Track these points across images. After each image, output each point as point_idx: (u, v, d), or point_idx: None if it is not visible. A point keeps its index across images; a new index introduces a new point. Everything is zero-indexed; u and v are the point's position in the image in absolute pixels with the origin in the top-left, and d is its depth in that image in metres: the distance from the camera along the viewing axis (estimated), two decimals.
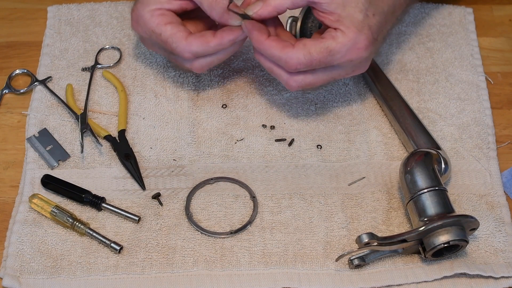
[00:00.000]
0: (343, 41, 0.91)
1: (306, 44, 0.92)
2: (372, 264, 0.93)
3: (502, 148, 1.03)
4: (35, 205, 0.96)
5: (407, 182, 0.93)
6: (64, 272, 0.92)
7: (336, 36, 0.91)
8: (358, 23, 0.91)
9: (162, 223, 0.96)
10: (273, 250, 0.94)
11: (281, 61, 0.92)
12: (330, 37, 0.91)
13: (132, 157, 1.00)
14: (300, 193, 0.98)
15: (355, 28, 0.91)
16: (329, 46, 0.91)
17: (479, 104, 1.06)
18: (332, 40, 0.91)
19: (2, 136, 1.04)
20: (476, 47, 1.11)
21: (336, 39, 0.91)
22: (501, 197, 0.98)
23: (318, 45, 0.91)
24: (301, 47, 0.92)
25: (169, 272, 0.92)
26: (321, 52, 0.91)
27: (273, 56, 0.93)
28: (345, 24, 0.91)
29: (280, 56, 0.92)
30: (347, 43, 0.91)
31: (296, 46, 0.92)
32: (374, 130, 1.04)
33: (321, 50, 0.91)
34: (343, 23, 0.91)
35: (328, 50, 0.91)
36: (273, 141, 1.03)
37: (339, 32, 0.91)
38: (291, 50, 0.92)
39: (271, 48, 0.93)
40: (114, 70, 1.09)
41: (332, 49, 0.91)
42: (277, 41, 0.93)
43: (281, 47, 0.92)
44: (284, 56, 0.92)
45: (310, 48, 0.91)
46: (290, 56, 0.92)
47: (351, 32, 0.91)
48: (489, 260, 0.92)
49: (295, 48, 0.92)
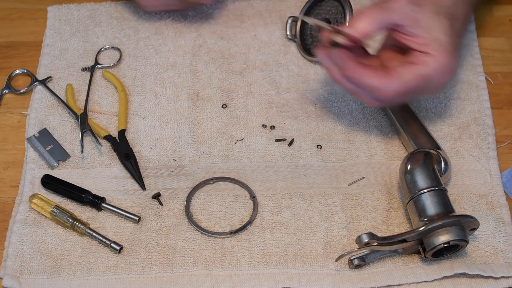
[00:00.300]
0: (436, 66, 0.91)
1: (401, 72, 0.90)
2: (372, 264, 0.93)
3: (502, 148, 1.03)
4: (35, 205, 0.96)
5: (407, 182, 0.93)
6: (64, 272, 0.92)
7: (428, 62, 0.90)
8: (447, 46, 0.91)
9: (162, 223, 0.96)
10: (273, 250, 0.94)
11: (377, 91, 0.91)
12: (422, 62, 0.91)
13: (132, 157, 1.00)
14: (300, 193, 0.98)
15: (445, 52, 0.91)
16: (423, 73, 0.91)
17: (479, 104, 1.06)
18: (425, 66, 0.91)
19: (2, 136, 1.04)
20: (476, 47, 1.11)
21: (429, 65, 0.90)
22: (501, 197, 0.98)
23: (412, 73, 0.90)
24: (397, 76, 0.90)
25: (169, 272, 0.92)
26: (417, 79, 0.91)
27: (368, 85, 0.91)
28: (434, 47, 0.90)
29: (377, 87, 0.90)
30: (439, 68, 0.91)
31: (392, 75, 0.90)
32: (374, 130, 1.04)
33: (417, 77, 0.91)
34: (432, 47, 0.90)
35: (424, 77, 0.91)
36: (273, 141, 1.03)
37: (429, 56, 0.90)
38: (388, 80, 0.90)
39: (366, 77, 0.91)
40: (114, 70, 1.09)
41: (427, 76, 0.91)
42: (371, 69, 0.91)
43: (377, 76, 0.91)
44: (381, 86, 0.91)
45: (406, 76, 0.90)
46: (388, 86, 0.91)
47: (441, 56, 0.90)
48: (489, 260, 0.92)
49: (392, 77, 0.90)
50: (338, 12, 1.07)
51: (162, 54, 1.11)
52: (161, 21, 1.14)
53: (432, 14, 0.91)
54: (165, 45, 1.11)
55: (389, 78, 0.91)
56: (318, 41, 1.10)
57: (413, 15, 0.91)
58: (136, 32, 1.13)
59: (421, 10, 0.91)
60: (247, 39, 1.12)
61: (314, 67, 1.09)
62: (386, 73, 0.91)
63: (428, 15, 0.91)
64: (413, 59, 0.92)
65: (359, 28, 0.90)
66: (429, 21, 0.91)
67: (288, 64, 1.10)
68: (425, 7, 0.91)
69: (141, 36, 1.12)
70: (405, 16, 0.91)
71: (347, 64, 0.91)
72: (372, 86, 0.91)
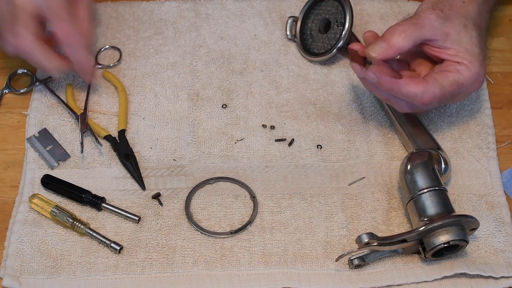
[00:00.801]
0: (469, 75, 0.94)
1: (438, 79, 0.94)
2: (372, 264, 0.93)
3: (502, 148, 1.03)
4: (35, 205, 0.96)
5: (407, 182, 0.93)
6: (64, 272, 0.92)
7: (462, 70, 0.94)
8: (477, 57, 0.95)
9: (162, 223, 0.96)
10: (273, 250, 0.94)
11: (416, 97, 0.93)
12: (456, 71, 0.94)
13: (132, 157, 1.00)
14: (300, 193, 0.98)
15: (477, 63, 0.95)
16: (458, 80, 0.94)
17: (479, 104, 1.06)
18: (459, 74, 0.94)
19: (2, 136, 1.04)
20: None
21: (463, 73, 0.94)
22: (501, 197, 0.98)
23: (448, 79, 0.94)
24: (434, 82, 0.93)
25: (169, 272, 0.92)
26: (452, 85, 0.94)
27: (407, 94, 0.93)
28: (467, 58, 0.94)
29: (416, 93, 0.93)
30: (472, 77, 0.95)
31: (429, 82, 0.93)
32: (374, 130, 1.04)
33: (452, 83, 0.94)
34: (464, 58, 0.94)
35: (458, 84, 0.94)
36: (273, 141, 1.03)
37: (463, 66, 0.94)
38: (426, 85, 0.93)
39: (407, 87, 0.93)
40: (114, 70, 1.09)
41: (461, 83, 0.94)
42: (410, 78, 0.94)
43: (416, 84, 0.93)
44: (420, 92, 0.93)
45: (442, 82, 0.94)
46: (427, 92, 0.93)
47: (474, 67, 0.94)
48: (489, 260, 0.92)
49: (429, 83, 0.93)
50: (338, 12, 1.07)
51: (162, 54, 1.11)
52: (161, 21, 1.14)
53: (460, 28, 0.95)
54: (165, 45, 1.11)
55: (427, 85, 0.93)
56: (318, 41, 1.10)
57: (443, 29, 0.94)
58: (136, 32, 1.13)
59: (450, 24, 0.95)
60: (247, 39, 1.12)
61: (314, 67, 1.09)
62: (424, 80, 0.94)
63: (457, 28, 0.95)
64: (448, 68, 0.95)
65: (395, 44, 0.93)
66: (458, 34, 0.95)
67: (288, 64, 1.10)
68: (453, 21, 0.95)
69: (141, 36, 1.12)
70: (436, 31, 0.94)
71: (383, 79, 0.93)
72: (412, 93, 0.93)
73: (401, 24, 0.94)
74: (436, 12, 0.94)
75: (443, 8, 0.95)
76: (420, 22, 0.94)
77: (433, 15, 0.94)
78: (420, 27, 0.94)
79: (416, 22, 0.94)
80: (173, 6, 1.15)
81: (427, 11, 0.95)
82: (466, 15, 0.96)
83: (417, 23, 0.94)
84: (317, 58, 1.09)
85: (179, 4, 1.15)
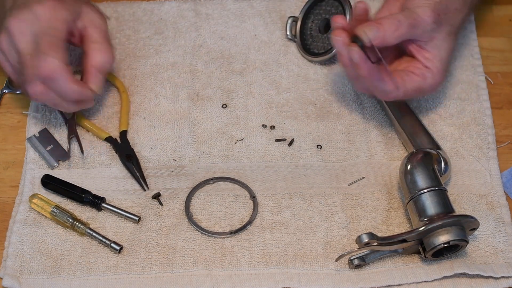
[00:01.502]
0: (432, 83, 0.98)
1: (405, 81, 0.96)
2: (372, 264, 0.93)
3: (502, 148, 1.03)
4: (35, 205, 0.96)
5: (407, 182, 0.93)
6: (64, 272, 0.92)
7: (428, 77, 0.97)
8: (445, 66, 0.99)
9: (162, 223, 0.96)
10: (273, 250, 0.94)
11: (384, 93, 0.96)
12: (422, 76, 0.97)
13: (134, 158, 1.00)
14: (300, 193, 0.98)
15: (444, 73, 0.99)
16: (421, 86, 0.97)
17: (479, 104, 1.06)
18: (424, 80, 0.97)
19: (2, 136, 1.04)
20: (476, 47, 1.11)
21: (428, 81, 0.97)
22: (501, 197, 0.98)
23: (413, 84, 0.97)
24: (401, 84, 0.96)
25: (169, 272, 0.92)
26: (414, 91, 0.97)
27: (378, 86, 0.95)
28: (437, 66, 0.97)
29: (385, 90, 0.96)
30: (434, 85, 0.98)
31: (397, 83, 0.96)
32: (374, 130, 1.04)
33: (415, 89, 0.97)
34: (435, 65, 0.97)
35: (420, 90, 0.98)
36: (273, 141, 1.03)
37: (430, 73, 0.97)
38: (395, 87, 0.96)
39: (381, 81, 0.95)
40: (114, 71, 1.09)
41: (423, 89, 0.98)
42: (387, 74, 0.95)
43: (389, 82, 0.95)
44: (389, 90, 0.96)
45: (407, 86, 0.96)
46: (393, 92, 0.96)
47: (440, 77, 0.98)
48: (489, 260, 0.92)
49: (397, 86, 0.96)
50: (338, 12, 1.07)
51: (162, 54, 1.11)
52: (161, 21, 1.14)
53: (446, 35, 0.97)
54: (165, 45, 1.11)
55: (395, 87, 0.95)
56: (318, 41, 1.10)
57: (431, 33, 0.96)
58: (136, 32, 1.13)
59: (439, 29, 0.96)
60: (247, 39, 1.12)
61: (314, 67, 1.09)
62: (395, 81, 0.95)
63: (443, 35, 0.97)
64: (415, 70, 0.97)
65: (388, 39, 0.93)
66: (442, 41, 0.97)
67: (288, 64, 1.10)
68: (442, 27, 0.96)
69: (141, 36, 1.12)
70: (426, 33, 0.96)
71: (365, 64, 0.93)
72: (381, 87, 0.95)
73: (400, 20, 0.93)
74: (435, 15, 0.94)
75: (441, 12, 0.95)
76: (417, 22, 0.94)
77: (430, 18, 0.94)
78: (415, 27, 0.94)
79: (413, 22, 0.94)
80: (173, 6, 1.15)
81: (426, 12, 0.94)
82: (453, 23, 0.97)
83: (414, 23, 0.94)
84: (317, 58, 1.09)
85: (179, 4, 1.15)
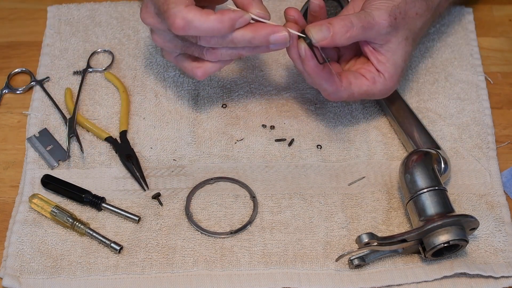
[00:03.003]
0: (382, 88, 0.97)
1: (351, 84, 0.95)
2: (372, 264, 0.93)
3: (502, 148, 1.03)
4: (35, 205, 0.96)
5: (407, 182, 0.93)
6: (64, 272, 0.92)
7: (378, 82, 0.96)
8: (399, 72, 0.97)
9: (162, 223, 0.96)
10: (273, 250, 0.94)
11: (326, 92, 0.95)
12: (372, 80, 0.96)
13: (134, 158, 1.00)
14: (300, 193, 0.98)
15: (396, 78, 0.97)
16: (369, 91, 0.96)
17: (478, 104, 1.06)
18: (373, 85, 0.96)
19: (2, 136, 1.04)
20: (476, 47, 1.11)
21: (377, 86, 0.96)
22: (501, 197, 0.98)
23: (361, 88, 0.96)
24: (346, 86, 0.95)
25: (169, 272, 0.92)
26: (361, 95, 0.96)
27: (320, 86, 0.95)
28: (388, 70, 0.96)
29: (327, 89, 0.95)
30: (383, 91, 0.97)
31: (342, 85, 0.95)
32: (374, 130, 1.04)
33: (362, 93, 0.96)
34: (387, 69, 0.96)
35: (368, 94, 0.97)
36: (273, 141, 1.03)
37: (382, 78, 0.96)
38: (338, 88, 0.95)
39: (323, 80, 0.94)
40: (114, 70, 1.09)
41: (372, 93, 0.97)
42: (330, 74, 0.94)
43: (331, 82, 0.94)
44: (331, 91, 0.95)
45: (354, 89, 0.95)
46: (336, 93, 0.95)
47: (391, 82, 0.97)
48: (489, 260, 0.92)
49: (342, 88, 0.95)
50: (338, 12, 1.07)
51: None
52: None
53: (402, 39, 0.95)
54: None
55: (338, 88, 0.95)
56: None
57: (386, 36, 0.94)
58: (136, 32, 1.13)
59: (395, 33, 0.95)
60: None
61: None
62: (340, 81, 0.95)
63: (399, 39, 0.95)
64: (366, 73, 0.96)
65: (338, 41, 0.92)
66: (397, 45, 0.95)
67: (288, 64, 1.10)
68: (399, 31, 0.95)
69: (141, 36, 1.12)
70: (381, 36, 0.94)
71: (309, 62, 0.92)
72: (323, 87, 0.95)
73: (352, 21, 0.92)
74: (391, 19, 0.93)
75: (398, 16, 0.94)
76: (371, 25, 0.93)
77: (386, 22, 0.93)
78: (368, 30, 0.93)
79: (367, 25, 0.92)
80: None
81: (382, 15, 0.93)
82: (411, 28, 0.96)
83: (367, 26, 0.92)
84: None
85: None
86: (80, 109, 1.05)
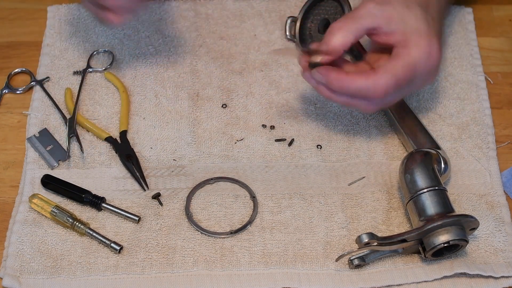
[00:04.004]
0: (419, 53, 0.90)
1: (387, 67, 0.90)
2: (372, 264, 0.93)
3: (502, 148, 1.03)
4: (35, 205, 0.96)
5: (406, 182, 0.93)
6: (64, 272, 0.92)
7: (411, 51, 0.90)
8: (428, 33, 0.90)
9: (162, 223, 0.96)
10: (273, 250, 0.94)
11: (369, 90, 0.89)
12: (405, 53, 0.90)
13: (134, 158, 1.00)
14: (300, 193, 0.98)
15: (425, 37, 0.90)
16: (409, 62, 0.90)
17: (478, 104, 1.06)
18: (408, 56, 0.90)
19: (2, 136, 1.04)
20: (476, 47, 1.11)
21: (412, 54, 0.90)
22: (501, 197, 0.98)
23: (399, 63, 0.89)
24: (383, 71, 0.89)
25: (169, 272, 0.92)
26: (404, 70, 0.90)
27: (356, 89, 0.90)
28: (412, 37, 0.90)
29: (367, 86, 0.89)
30: (423, 54, 0.90)
31: (378, 72, 0.89)
32: (374, 130, 1.04)
33: (404, 67, 0.90)
34: (411, 38, 0.90)
35: (410, 66, 0.90)
36: (273, 141, 1.03)
37: (411, 46, 0.90)
38: (376, 76, 0.89)
39: (355, 82, 0.90)
40: (114, 70, 1.09)
41: (413, 64, 0.90)
42: (357, 73, 0.91)
43: (365, 77, 0.90)
44: (370, 84, 0.89)
45: (392, 69, 0.89)
46: (377, 83, 0.89)
47: (422, 42, 0.90)
48: (489, 260, 0.93)
49: (379, 73, 0.89)
50: (338, 12, 1.07)
51: (162, 54, 1.11)
52: (161, 21, 1.14)
53: (402, 8, 0.91)
54: (165, 45, 1.11)
55: (376, 76, 0.90)
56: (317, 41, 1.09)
57: (384, 14, 0.91)
58: (136, 32, 1.13)
59: (390, 7, 0.91)
60: (247, 39, 1.12)
61: None
62: (372, 72, 0.90)
63: (399, 10, 0.91)
64: (397, 53, 0.91)
65: (333, 43, 0.90)
66: (401, 15, 0.91)
67: (288, 64, 1.10)
68: (394, 4, 0.91)
69: (141, 36, 1.12)
70: (376, 18, 0.91)
71: (330, 78, 0.91)
72: (360, 87, 0.90)
73: (338, 21, 0.91)
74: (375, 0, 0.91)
75: None
76: (358, 14, 0.91)
77: (371, 4, 0.91)
78: (359, 19, 0.90)
79: (353, 15, 0.91)
80: (173, 6, 1.15)
81: (366, 2, 0.91)
82: None
83: (355, 16, 0.91)
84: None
85: (179, 4, 1.15)
86: (80, 109, 1.05)
